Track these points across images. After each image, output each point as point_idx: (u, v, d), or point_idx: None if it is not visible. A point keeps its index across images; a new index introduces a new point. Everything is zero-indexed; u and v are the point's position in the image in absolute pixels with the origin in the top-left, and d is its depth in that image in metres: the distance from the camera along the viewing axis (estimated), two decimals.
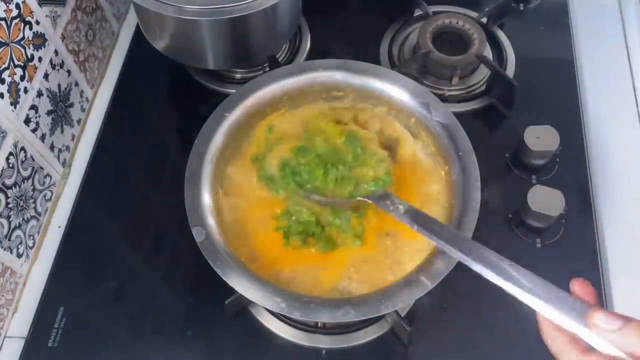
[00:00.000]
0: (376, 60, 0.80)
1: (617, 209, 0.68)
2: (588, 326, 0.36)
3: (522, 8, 0.86)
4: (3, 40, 0.59)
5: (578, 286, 0.39)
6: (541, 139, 0.67)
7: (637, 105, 0.77)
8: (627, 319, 0.34)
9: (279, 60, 0.77)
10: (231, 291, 0.52)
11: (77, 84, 0.76)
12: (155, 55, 0.72)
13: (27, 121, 0.64)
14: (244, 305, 0.61)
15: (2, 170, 0.60)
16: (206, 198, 0.54)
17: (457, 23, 0.78)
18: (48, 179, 0.70)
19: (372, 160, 0.57)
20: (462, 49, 0.76)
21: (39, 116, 0.67)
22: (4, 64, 0.60)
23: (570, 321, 0.37)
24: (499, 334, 0.60)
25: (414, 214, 0.51)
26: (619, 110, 0.76)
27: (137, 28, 0.84)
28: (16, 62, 0.62)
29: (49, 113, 0.69)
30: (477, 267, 0.44)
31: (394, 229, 0.55)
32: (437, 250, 0.51)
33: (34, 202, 0.67)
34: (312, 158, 0.57)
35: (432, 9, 0.83)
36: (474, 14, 0.82)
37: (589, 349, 0.36)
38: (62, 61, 0.72)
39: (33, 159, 0.66)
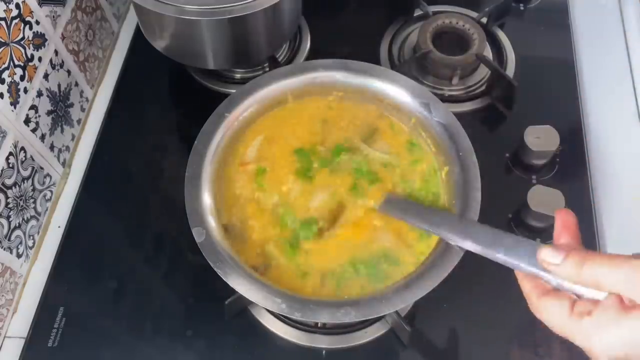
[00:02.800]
0: (376, 60, 0.80)
1: (617, 209, 0.68)
2: (539, 265, 0.37)
3: (522, 8, 0.86)
4: (3, 40, 0.59)
5: (560, 218, 0.40)
6: (541, 139, 0.67)
7: (637, 105, 0.77)
8: (569, 250, 0.36)
9: (279, 60, 0.77)
10: (231, 291, 0.52)
11: (77, 84, 0.76)
12: (155, 55, 0.72)
13: (27, 121, 0.64)
14: (244, 306, 0.61)
15: (2, 170, 0.60)
16: (206, 198, 0.54)
17: (457, 23, 0.78)
18: (48, 179, 0.70)
19: None
20: (462, 49, 0.76)
21: (39, 116, 0.67)
22: (4, 64, 0.60)
23: (526, 266, 0.39)
24: (499, 334, 0.60)
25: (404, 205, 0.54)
26: (619, 110, 0.76)
27: (137, 28, 0.84)
28: (16, 62, 0.62)
29: (48, 113, 0.69)
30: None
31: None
32: (437, 252, 0.51)
33: (34, 202, 0.67)
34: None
35: (432, 9, 0.83)
36: (474, 14, 0.82)
37: (549, 291, 0.37)
38: (62, 61, 0.72)
39: (33, 159, 0.66)
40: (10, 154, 0.62)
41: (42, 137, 0.68)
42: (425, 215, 0.52)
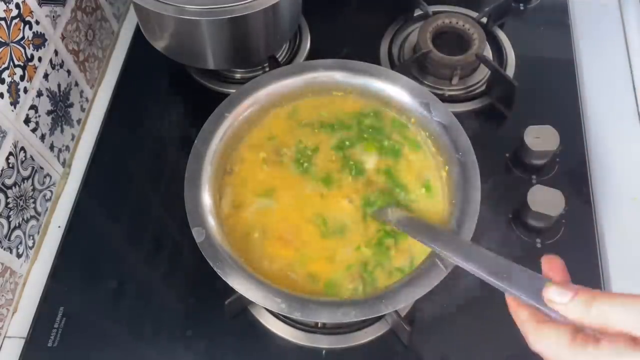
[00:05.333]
0: (376, 60, 0.80)
1: (617, 209, 0.68)
2: (545, 302, 0.36)
3: (522, 8, 0.86)
4: (3, 40, 0.59)
5: (546, 263, 0.39)
6: (541, 139, 0.67)
7: (637, 105, 0.77)
8: (577, 290, 0.35)
9: (279, 60, 0.77)
10: (231, 291, 0.52)
11: (77, 84, 0.76)
12: (155, 55, 0.72)
13: (27, 121, 0.64)
14: (244, 306, 0.61)
15: (2, 170, 0.60)
16: (206, 198, 0.54)
17: (457, 23, 0.78)
18: (48, 179, 0.70)
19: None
20: (462, 49, 0.76)
21: (39, 116, 0.67)
22: (3, 64, 0.60)
23: (528, 299, 0.38)
24: (499, 333, 0.60)
25: (408, 221, 0.53)
26: (619, 110, 0.76)
27: (137, 28, 0.84)
28: (16, 62, 0.62)
29: (48, 113, 0.69)
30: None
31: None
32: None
33: (34, 202, 0.67)
34: None
35: (432, 9, 0.83)
36: (474, 14, 0.82)
37: (546, 320, 0.36)
38: (62, 61, 0.72)
39: (33, 159, 0.66)
40: (10, 154, 0.62)
41: (42, 137, 0.68)
42: (430, 233, 0.50)
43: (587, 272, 0.63)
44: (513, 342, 0.59)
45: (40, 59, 0.66)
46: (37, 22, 0.65)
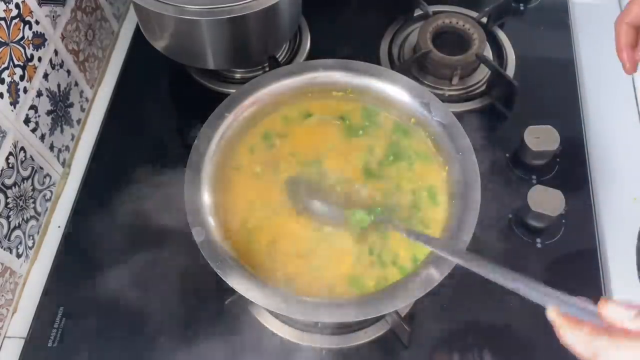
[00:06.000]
0: (376, 60, 0.80)
1: (617, 208, 0.68)
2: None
3: (522, 8, 0.86)
4: (3, 40, 0.59)
5: None
6: (541, 139, 0.67)
7: (637, 105, 0.77)
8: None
9: (279, 60, 0.77)
10: (231, 291, 0.52)
11: (76, 84, 0.76)
12: (155, 55, 0.72)
13: (26, 121, 0.64)
14: (244, 306, 0.61)
15: (1, 170, 0.60)
16: (206, 198, 0.54)
17: (457, 23, 0.78)
18: (48, 179, 0.70)
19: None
20: (462, 49, 0.76)
21: (39, 116, 0.67)
22: (3, 64, 0.60)
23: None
24: (499, 334, 0.60)
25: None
26: (619, 110, 0.76)
27: (137, 28, 0.84)
28: (16, 62, 0.62)
29: (48, 113, 0.69)
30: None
31: None
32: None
33: (34, 202, 0.67)
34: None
35: (432, 9, 0.83)
36: (474, 14, 0.82)
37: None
38: (62, 61, 0.72)
39: (33, 159, 0.66)
40: (10, 154, 0.62)
41: (42, 137, 0.68)
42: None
43: (587, 272, 0.63)
44: (513, 342, 0.60)
45: (40, 59, 0.66)
46: (37, 22, 0.65)
